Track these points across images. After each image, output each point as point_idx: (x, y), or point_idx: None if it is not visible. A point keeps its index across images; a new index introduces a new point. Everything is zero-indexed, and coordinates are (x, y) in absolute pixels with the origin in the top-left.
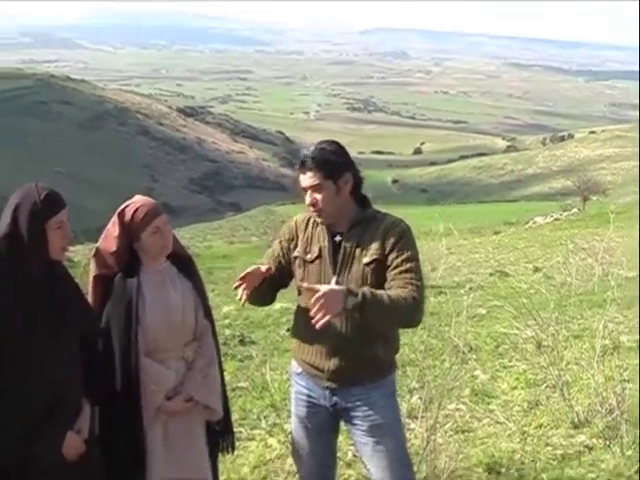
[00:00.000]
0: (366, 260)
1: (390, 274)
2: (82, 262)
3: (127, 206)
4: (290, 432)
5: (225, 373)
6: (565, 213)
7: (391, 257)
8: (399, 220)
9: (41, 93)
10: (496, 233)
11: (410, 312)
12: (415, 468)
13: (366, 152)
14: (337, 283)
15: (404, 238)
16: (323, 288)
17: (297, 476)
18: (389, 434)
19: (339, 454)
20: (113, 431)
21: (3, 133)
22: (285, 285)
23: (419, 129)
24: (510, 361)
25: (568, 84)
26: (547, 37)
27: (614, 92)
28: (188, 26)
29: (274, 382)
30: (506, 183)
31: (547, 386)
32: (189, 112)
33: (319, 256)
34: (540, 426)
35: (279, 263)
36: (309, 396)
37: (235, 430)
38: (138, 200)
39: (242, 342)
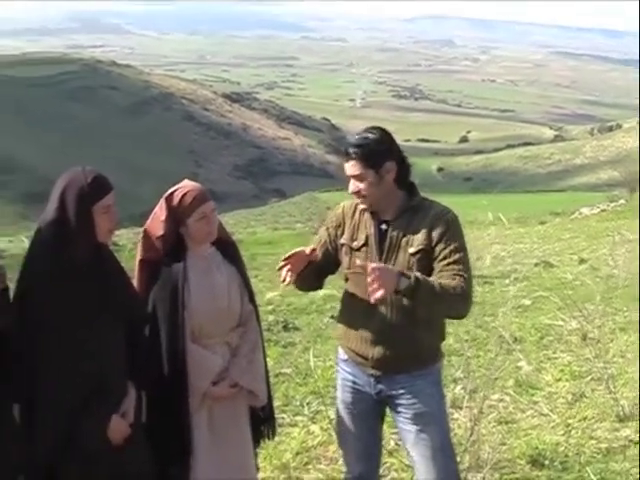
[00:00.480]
0: (412, 250)
1: (438, 265)
2: (127, 246)
3: (175, 190)
4: (335, 418)
5: (268, 359)
6: (612, 204)
7: (438, 248)
8: (447, 209)
9: (87, 78)
10: (542, 223)
11: (459, 303)
12: (458, 458)
13: (412, 140)
14: None
15: (452, 228)
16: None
17: (340, 462)
18: (433, 422)
19: (382, 442)
20: (159, 416)
21: (49, 118)
22: (332, 272)
23: (465, 117)
24: (555, 353)
25: (616, 73)
26: (596, 26)
27: None
28: (234, 12)
29: (317, 369)
30: (553, 173)
31: (592, 379)
32: (235, 98)
33: (365, 244)
34: (584, 419)
35: (326, 250)
36: (354, 382)
37: (278, 416)
38: (186, 185)
39: (285, 328)
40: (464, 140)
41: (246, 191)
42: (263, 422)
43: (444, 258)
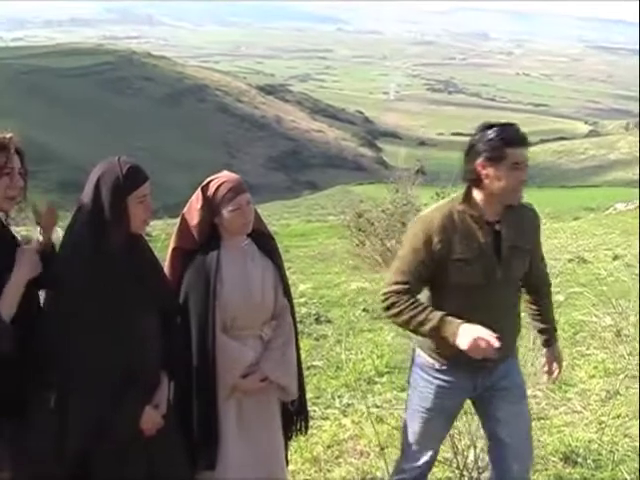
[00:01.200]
0: (524, 251)
1: (535, 263)
2: (160, 236)
3: (212, 180)
4: (414, 418)
5: (300, 351)
6: None
7: (537, 245)
8: (530, 204)
9: (122, 69)
10: (576, 219)
11: (549, 291)
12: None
13: (445, 133)
14: (503, 276)
15: (540, 225)
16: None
17: (371, 456)
18: (525, 396)
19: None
20: (188, 406)
21: (85, 108)
22: (431, 286)
23: (499, 111)
24: (588, 349)
25: None
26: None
27: None
28: (269, 4)
29: (349, 362)
30: (587, 168)
31: (626, 376)
32: (268, 90)
33: (480, 254)
34: (618, 416)
35: (423, 273)
36: (452, 387)
37: (309, 409)
38: (223, 176)
39: (318, 321)
40: None
41: (279, 183)
42: (295, 416)
43: (536, 253)
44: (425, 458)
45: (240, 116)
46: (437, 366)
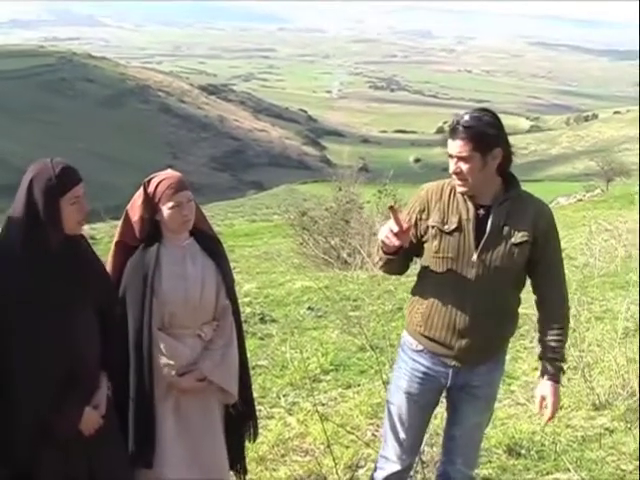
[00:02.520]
0: (516, 240)
1: (541, 265)
2: (104, 239)
3: (153, 177)
4: (391, 407)
5: (247, 355)
6: (588, 194)
7: (541, 244)
8: (544, 203)
9: (63, 70)
10: None
11: (566, 315)
12: (434, 449)
13: (388, 131)
14: (479, 259)
15: (553, 226)
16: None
17: (316, 454)
18: (492, 409)
19: (358, 433)
20: (124, 403)
21: (25, 110)
22: (419, 255)
23: (442, 108)
24: (531, 342)
25: (593, 64)
26: (573, 17)
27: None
28: (210, 4)
29: (294, 360)
30: (529, 163)
31: (568, 367)
32: (211, 90)
33: (458, 228)
34: (561, 408)
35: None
36: (426, 374)
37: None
38: (165, 173)
39: (262, 320)
40: (441, 131)
41: (223, 183)
42: (242, 420)
43: (548, 259)
44: (400, 450)
45: (183, 116)
46: (414, 346)
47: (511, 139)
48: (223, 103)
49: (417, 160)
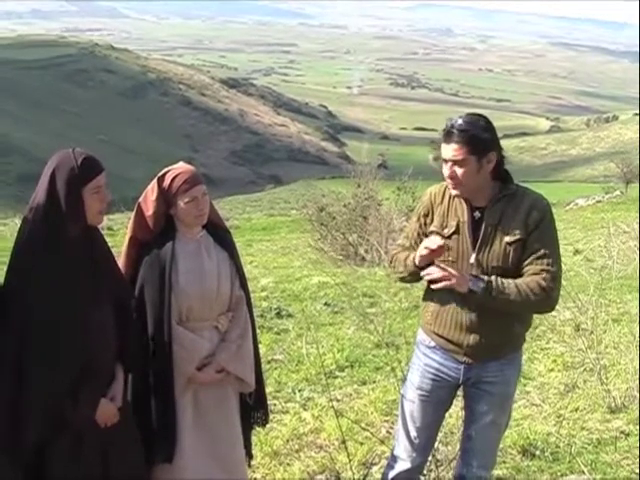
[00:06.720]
0: (509, 239)
1: (527, 257)
2: (121, 231)
3: (167, 172)
4: (404, 404)
5: (261, 345)
6: (607, 196)
7: (532, 237)
8: (540, 197)
9: (84, 61)
10: None
11: (538, 303)
12: (449, 447)
13: (408, 128)
14: (476, 260)
15: (546, 218)
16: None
17: (331, 449)
18: (509, 407)
19: (373, 430)
20: (144, 398)
21: (46, 100)
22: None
23: (462, 107)
24: (547, 343)
25: (614, 65)
26: (596, 17)
27: None
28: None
29: (309, 356)
30: (548, 164)
31: (584, 369)
32: (232, 83)
33: (456, 231)
34: (576, 410)
35: (420, 240)
36: (439, 370)
37: (269, 403)
38: (179, 167)
39: (279, 315)
40: None
41: (242, 177)
42: (254, 408)
43: (535, 250)
44: (411, 448)
45: (203, 110)
46: (427, 342)
47: (531, 139)
48: (243, 97)
49: (436, 158)
